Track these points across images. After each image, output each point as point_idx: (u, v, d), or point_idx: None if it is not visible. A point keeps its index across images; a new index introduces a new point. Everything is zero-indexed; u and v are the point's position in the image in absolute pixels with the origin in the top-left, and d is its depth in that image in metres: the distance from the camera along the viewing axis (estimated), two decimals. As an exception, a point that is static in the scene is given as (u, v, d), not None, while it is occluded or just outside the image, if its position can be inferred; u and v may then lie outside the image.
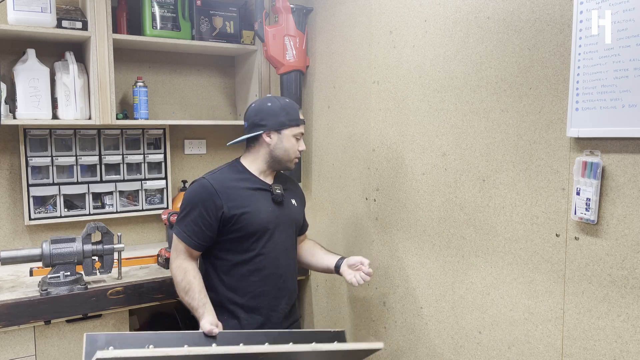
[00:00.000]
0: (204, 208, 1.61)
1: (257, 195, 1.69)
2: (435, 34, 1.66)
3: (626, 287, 1.17)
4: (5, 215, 2.27)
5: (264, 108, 1.72)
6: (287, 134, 1.70)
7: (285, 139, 1.70)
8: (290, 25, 2.29)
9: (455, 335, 1.65)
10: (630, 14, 1.12)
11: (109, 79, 2.18)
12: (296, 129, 1.72)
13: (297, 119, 1.72)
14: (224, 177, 1.69)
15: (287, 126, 1.70)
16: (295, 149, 1.73)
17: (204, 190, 1.63)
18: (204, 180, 1.66)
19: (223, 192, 1.63)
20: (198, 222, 1.61)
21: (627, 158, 1.16)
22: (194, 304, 1.56)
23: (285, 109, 1.71)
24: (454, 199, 1.62)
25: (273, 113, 1.70)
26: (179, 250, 1.65)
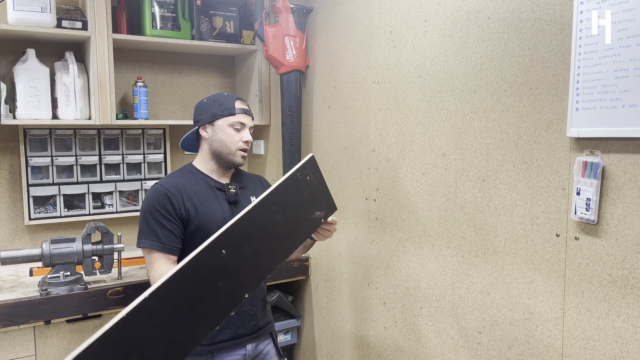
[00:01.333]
0: (164, 210, 1.58)
1: (211, 195, 1.66)
2: (435, 34, 1.66)
3: (626, 287, 1.17)
4: (5, 215, 2.27)
5: (199, 104, 1.72)
6: (221, 124, 1.66)
7: (219, 130, 1.66)
8: (290, 25, 2.29)
9: (455, 335, 1.65)
10: (630, 14, 1.12)
11: (109, 79, 2.18)
12: (231, 118, 1.66)
13: (230, 108, 1.67)
14: (176, 180, 1.66)
15: (218, 116, 1.66)
16: (235, 139, 1.66)
17: (159, 195, 1.60)
18: (157, 185, 1.64)
19: (177, 194, 1.61)
20: (162, 225, 1.58)
21: (627, 158, 1.16)
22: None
23: (218, 100, 1.69)
24: (454, 199, 1.62)
25: (206, 106, 1.69)
26: (152, 261, 1.58)
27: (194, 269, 1.05)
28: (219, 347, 1.64)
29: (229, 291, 1.13)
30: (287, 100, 2.33)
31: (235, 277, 1.14)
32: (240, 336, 1.68)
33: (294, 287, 2.53)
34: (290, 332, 2.49)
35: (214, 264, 1.09)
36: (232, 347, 1.66)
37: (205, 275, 1.07)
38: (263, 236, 1.21)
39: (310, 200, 1.32)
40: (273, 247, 1.24)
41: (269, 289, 2.41)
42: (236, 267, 1.14)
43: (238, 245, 1.14)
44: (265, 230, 1.21)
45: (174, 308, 1.02)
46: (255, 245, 1.18)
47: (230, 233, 1.12)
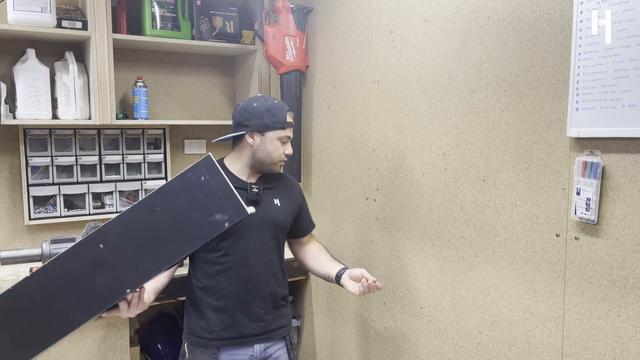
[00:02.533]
0: None
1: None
2: (435, 34, 1.66)
3: (626, 287, 1.17)
4: (5, 215, 2.27)
5: (249, 108, 1.67)
6: (271, 136, 1.65)
7: (268, 141, 1.65)
8: (290, 25, 2.29)
9: (455, 335, 1.65)
10: (630, 14, 1.12)
11: (109, 79, 2.18)
12: (281, 132, 1.66)
13: (282, 122, 1.66)
14: None
15: (271, 128, 1.64)
16: (280, 152, 1.67)
17: None
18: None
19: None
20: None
21: (627, 158, 1.16)
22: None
23: (271, 111, 1.66)
24: (454, 199, 1.62)
25: (258, 114, 1.65)
26: None
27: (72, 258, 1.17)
28: (225, 342, 1.66)
29: (107, 283, 1.20)
30: (287, 100, 2.33)
31: (113, 271, 1.20)
32: (247, 336, 1.68)
33: (294, 287, 2.53)
34: (290, 332, 2.49)
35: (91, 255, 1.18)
36: (238, 345, 1.68)
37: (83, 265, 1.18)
38: (146, 236, 1.22)
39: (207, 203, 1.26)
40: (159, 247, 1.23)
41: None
42: (114, 262, 1.20)
43: (117, 241, 1.19)
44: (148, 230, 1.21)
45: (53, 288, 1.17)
46: (136, 244, 1.21)
47: (108, 229, 1.18)
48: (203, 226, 1.25)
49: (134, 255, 1.21)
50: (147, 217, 1.21)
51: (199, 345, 1.67)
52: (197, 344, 1.67)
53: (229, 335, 1.66)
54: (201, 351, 1.66)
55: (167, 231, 1.23)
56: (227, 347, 1.67)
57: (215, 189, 1.24)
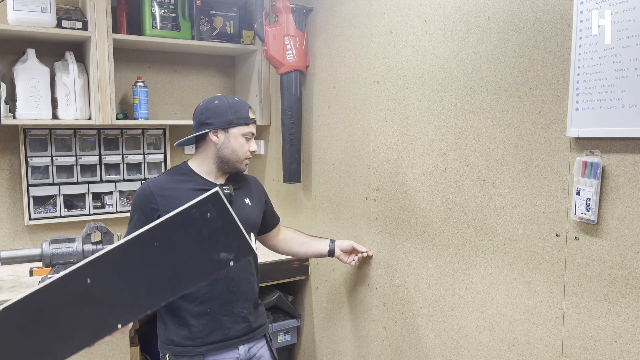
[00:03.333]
0: (142, 212, 1.60)
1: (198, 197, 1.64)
2: (435, 34, 1.66)
3: (626, 287, 1.17)
4: (5, 215, 2.27)
5: (210, 106, 1.67)
6: (235, 132, 1.65)
7: (232, 138, 1.65)
8: (290, 25, 2.29)
9: (455, 335, 1.65)
10: (630, 14, 1.12)
11: (109, 79, 2.19)
12: (245, 127, 1.66)
13: (245, 118, 1.66)
14: (165, 179, 1.66)
15: (234, 124, 1.64)
16: (245, 149, 1.67)
17: (143, 194, 1.62)
18: (145, 184, 1.65)
19: (160, 196, 1.60)
20: (137, 226, 1.58)
21: (627, 158, 1.16)
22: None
23: (233, 107, 1.66)
24: (454, 199, 1.62)
25: (220, 111, 1.65)
26: None
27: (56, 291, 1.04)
28: (210, 348, 1.63)
29: (96, 318, 1.09)
30: (287, 100, 2.33)
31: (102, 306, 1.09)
32: (231, 338, 1.67)
33: (294, 287, 2.53)
34: (290, 332, 2.49)
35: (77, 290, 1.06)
36: (223, 348, 1.66)
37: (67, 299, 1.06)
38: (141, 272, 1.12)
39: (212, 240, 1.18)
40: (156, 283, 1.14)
41: (269, 289, 2.41)
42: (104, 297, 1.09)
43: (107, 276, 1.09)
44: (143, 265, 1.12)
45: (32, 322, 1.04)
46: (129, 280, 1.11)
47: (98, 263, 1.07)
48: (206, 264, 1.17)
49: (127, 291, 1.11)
50: (143, 252, 1.10)
51: (183, 355, 1.63)
52: (181, 354, 1.63)
53: (214, 339, 1.64)
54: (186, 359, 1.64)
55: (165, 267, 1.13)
56: (212, 352, 1.65)
57: (222, 227, 1.16)
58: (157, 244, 1.10)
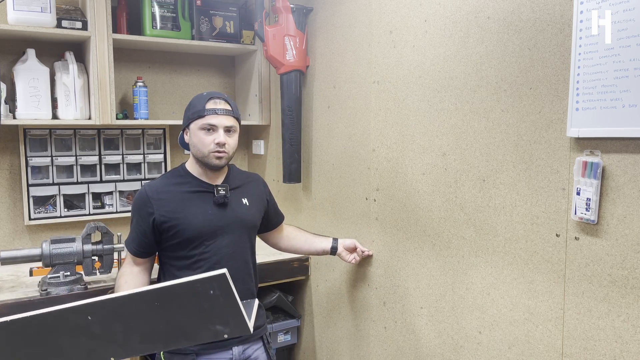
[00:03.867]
0: (139, 215, 1.64)
1: (194, 199, 1.64)
2: (435, 34, 1.66)
3: (626, 287, 1.17)
4: (5, 215, 2.27)
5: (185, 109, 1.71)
6: (193, 128, 1.62)
7: (192, 134, 1.63)
8: (290, 25, 2.29)
9: (455, 335, 1.65)
10: (630, 14, 1.12)
11: (109, 79, 2.19)
12: (200, 120, 1.59)
13: (200, 110, 1.60)
14: (161, 183, 1.68)
15: (191, 120, 1.62)
16: (206, 142, 1.59)
17: (139, 198, 1.65)
18: (142, 188, 1.69)
19: (156, 199, 1.62)
20: (135, 229, 1.65)
21: (627, 158, 1.16)
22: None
23: (192, 104, 1.65)
24: (454, 199, 1.62)
25: (185, 111, 1.68)
26: (127, 257, 1.70)
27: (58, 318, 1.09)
28: (203, 347, 1.63)
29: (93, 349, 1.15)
30: (287, 100, 2.33)
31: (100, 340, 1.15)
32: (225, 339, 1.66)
33: (294, 287, 2.53)
34: (290, 332, 2.50)
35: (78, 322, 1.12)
36: (217, 348, 1.66)
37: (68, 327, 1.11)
38: (139, 322, 1.18)
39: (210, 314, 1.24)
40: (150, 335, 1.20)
41: (269, 289, 2.41)
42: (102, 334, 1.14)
43: (106, 318, 1.14)
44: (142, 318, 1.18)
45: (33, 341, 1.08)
46: (127, 326, 1.17)
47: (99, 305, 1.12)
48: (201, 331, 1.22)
49: (123, 334, 1.16)
50: (142, 308, 1.16)
51: (177, 353, 1.63)
52: (175, 351, 1.63)
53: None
54: (179, 358, 1.64)
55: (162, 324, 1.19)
56: (205, 351, 1.64)
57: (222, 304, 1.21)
58: (157, 304, 1.16)
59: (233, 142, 1.64)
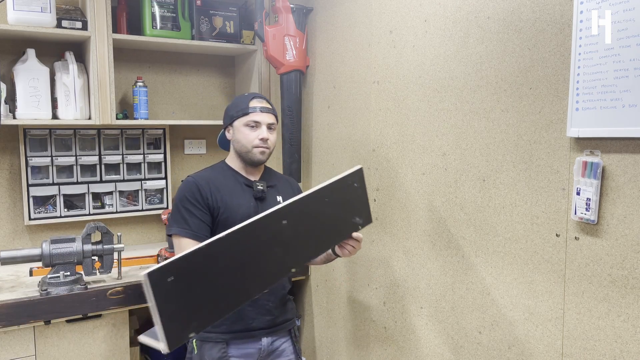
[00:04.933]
0: (194, 200, 1.65)
1: (238, 190, 1.72)
2: (435, 34, 1.66)
3: (626, 287, 1.17)
4: (5, 215, 2.27)
5: (225, 109, 1.80)
6: (237, 125, 1.73)
7: (237, 131, 1.73)
8: (290, 25, 2.29)
9: (455, 335, 1.65)
10: (630, 14, 1.12)
11: (109, 79, 2.18)
12: (245, 118, 1.71)
13: (244, 108, 1.72)
14: (206, 174, 1.74)
15: (235, 118, 1.73)
16: (250, 138, 1.70)
17: (189, 187, 1.68)
18: (189, 178, 1.72)
19: (206, 187, 1.68)
20: (192, 213, 1.65)
21: (627, 158, 1.16)
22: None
23: (235, 102, 1.77)
24: (454, 199, 1.62)
25: (227, 110, 1.78)
26: (182, 246, 1.64)
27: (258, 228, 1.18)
28: (234, 336, 1.69)
29: (280, 258, 1.26)
30: (287, 100, 2.33)
31: (287, 247, 1.27)
32: (254, 329, 1.71)
33: (294, 287, 2.53)
34: (290, 332, 2.50)
35: (274, 229, 1.22)
36: (246, 338, 1.71)
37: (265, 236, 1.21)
38: (314, 221, 1.35)
39: (352, 205, 1.47)
40: (318, 234, 1.38)
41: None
42: (289, 240, 1.27)
43: (296, 220, 1.28)
44: (316, 216, 1.36)
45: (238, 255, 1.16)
46: (307, 227, 1.33)
47: (292, 208, 1.26)
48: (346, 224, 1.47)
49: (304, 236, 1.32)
50: (317, 206, 1.34)
51: (208, 341, 1.68)
52: (206, 339, 1.68)
53: (238, 328, 1.69)
54: (210, 346, 1.68)
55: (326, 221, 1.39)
56: (236, 340, 1.69)
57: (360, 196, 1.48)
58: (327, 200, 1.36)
59: (274, 139, 1.76)
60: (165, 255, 2.14)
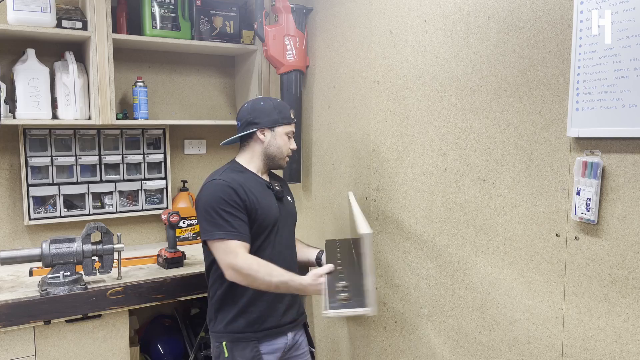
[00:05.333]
0: (233, 202, 1.62)
1: (263, 192, 1.74)
2: (435, 34, 1.66)
3: (626, 287, 1.17)
4: (5, 215, 2.27)
5: (257, 107, 1.77)
6: (280, 131, 1.76)
7: (278, 136, 1.76)
8: (290, 25, 2.29)
9: (455, 335, 1.65)
10: (630, 14, 1.12)
11: (109, 79, 2.18)
12: (288, 127, 1.78)
13: (289, 117, 1.79)
14: (234, 176, 1.70)
15: (280, 124, 1.75)
16: (288, 147, 1.79)
17: (224, 188, 1.64)
18: (218, 181, 1.66)
19: (241, 189, 1.66)
20: (234, 216, 1.61)
21: (627, 158, 1.16)
22: (286, 277, 1.60)
23: (278, 108, 1.78)
24: (454, 199, 1.62)
25: (266, 111, 1.75)
26: (233, 250, 1.60)
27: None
28: (266, 334, 1.71)
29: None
30: (287, 100, 2.33)
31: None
32: (284, 324, 1.76)
33: (294, 287, 2.53)
34: (290, 332, 2.49)
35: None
36: (276, 335, 1.74)
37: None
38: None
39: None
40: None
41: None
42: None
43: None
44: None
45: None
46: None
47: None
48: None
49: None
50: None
51: (240, 341, 1.69)
52: (239, 340, 1.69)
53: (270, 325, 1.72)
54: (242, 347, 1.69)
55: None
56: (267, 338, 1.72)
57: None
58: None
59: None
60: (165, 256, 2.14)
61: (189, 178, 2.71)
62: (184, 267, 2.16)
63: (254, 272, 1.58)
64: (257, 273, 1.58)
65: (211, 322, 1.76)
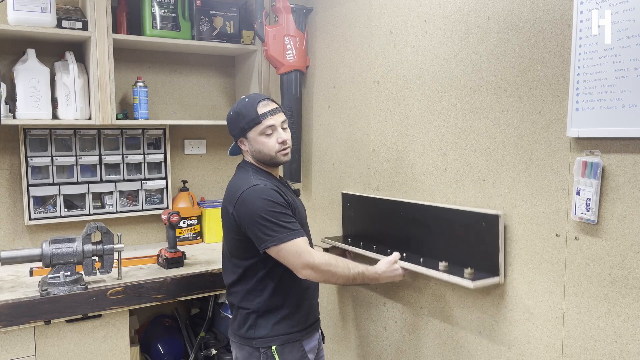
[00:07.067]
0: (282, 203, 1.59)
1: (287, 189, 1.74)
2: (435, 34, 1.66)
3: (626, 287, 1.17)
4: (5, 215, 2.27)
5: (229, 118, 1.71)
6: (253, 136, 1.64)
7: (253, 141, 1.65)
8: (290, 25, 2.29)
9: (455, 335, 1.65)
10: (630, 14, 1.12)
11: (109, 79, 2.18)
12: (258, 127, 1.63)
13: (254, 118, 1.62)
14: (264, 179, 1.65)
15: (247, 129, 1.64)
16: (270, 144, 1.64)
17: (271, 194, 1.58)
18: (258, 186, 1.60)
19: (277, 188, 1.63)
20: (288, 215, 1.58)
21: (627, 158, 1.16)
22: (361, 268, 1.62)
23: (241, 113, 1.65)
24: (454, 199, 1.62)
25: (234, 122, 1.68)
26: (304, 249, 1.55)
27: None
28: (307, 332, 1.72)
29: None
30: (287, 100, 2.33)
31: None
32: (317, 320, 1.80)
33: (294, 287, 2.53)
34: (290, 332, 2.49)
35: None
36: (313, 330, 1.76)
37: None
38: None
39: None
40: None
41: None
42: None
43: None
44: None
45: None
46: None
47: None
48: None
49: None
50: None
51: (288, 342, 1.65)
52: (287, 341, 1.65)
53: (310, 322, 1.74)
54: (290, 349, 1.65)
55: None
56: (309, 335, 1.73)
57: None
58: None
59: (290, 136, 1.71)
60: (165, 256, 2.14)
61: (189, 178, 2.71)
62: (184, 267, 2.16)
63: (333, 268, 1.57)
64: (336, 268, 1.57)
65: (249, 329, 1.65)
